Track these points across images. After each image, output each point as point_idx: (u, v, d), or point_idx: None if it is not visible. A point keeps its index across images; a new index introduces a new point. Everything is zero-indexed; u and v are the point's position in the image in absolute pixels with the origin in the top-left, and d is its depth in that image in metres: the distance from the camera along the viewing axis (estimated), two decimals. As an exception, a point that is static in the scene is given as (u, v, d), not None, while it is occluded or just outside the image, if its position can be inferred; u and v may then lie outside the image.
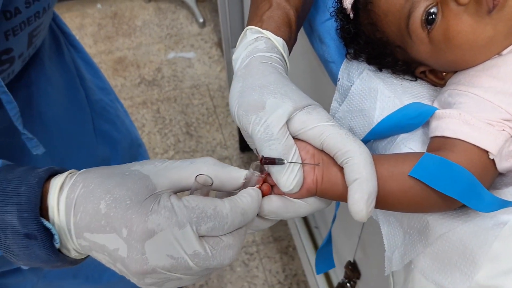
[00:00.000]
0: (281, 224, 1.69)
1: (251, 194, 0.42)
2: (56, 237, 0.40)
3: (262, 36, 0.50)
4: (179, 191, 0.43)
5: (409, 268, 0.47)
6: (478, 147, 0.42)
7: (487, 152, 0.42)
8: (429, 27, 0.46)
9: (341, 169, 0.42)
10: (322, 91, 0.80)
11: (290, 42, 0.52)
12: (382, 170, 0.42)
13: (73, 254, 0.42)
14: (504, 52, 0.45)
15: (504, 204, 0.40)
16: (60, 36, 0.78)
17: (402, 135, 0.49)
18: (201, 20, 2.42)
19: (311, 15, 0.63)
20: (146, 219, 0.38)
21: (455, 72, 0.49)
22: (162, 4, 2.60)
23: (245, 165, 1.97)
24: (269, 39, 0.49)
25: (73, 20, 2.55)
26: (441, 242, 0.43)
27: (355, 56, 0.56)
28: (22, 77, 0.68)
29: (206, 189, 0.42)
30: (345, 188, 0.41)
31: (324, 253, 0.67)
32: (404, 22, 0.47)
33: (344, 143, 0.41)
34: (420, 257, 0.45)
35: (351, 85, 0.55)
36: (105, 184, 0.40)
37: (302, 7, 0.54)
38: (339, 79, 0.58)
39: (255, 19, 0.52)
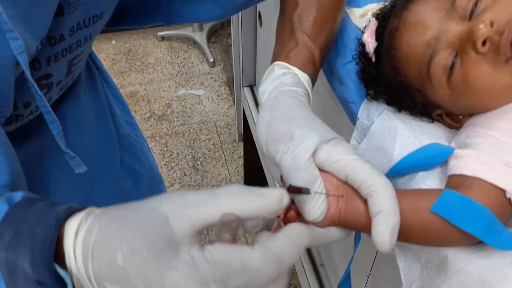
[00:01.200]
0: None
1: (287, 235, 0.38)
2: (69, 287, 0.37)
3: (289, 72, 0.53)
4: (202, 229, 0.37)
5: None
6: (495, 186, 0.44)
7: (504, 191, 0.44)
8: (449, 72, 0.49)
9: (364, 201, 0.44)
10: (336, 129, 0.83)
11: (314, 79, 0.56)
12: (404, 204, 0.44)
13: None
14: (519, 98, 0.48)
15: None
16: (95, 72, 0.81)
17: (421, 173, 0.51)
18: (211, 59, 2.49)
19: (331, 58, 0.67)
20: (164, 278, 0.35)
21: (471, 115, 0.52)
22: (174, 43, 2.68)
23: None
24: (296, 74, 0.52)
25: (87, 54, 2.62)
26: (459, 276, 0.44)
27: (375, 97, 0.59)
28: (58, 108, 0.71)
29: (233, 230, 0.37)
30: (368, 219, 0.43)
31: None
32: (425, 67, 0.50)
33: (369, 177, 0.43)
34: (439, 291, 0.46)
35: (371, 124, 0.58)
36: (121, 232, 0.36)
37: (325, 48, 0.58)
38: (358, 118, 0.61)
39: (282, 55, 0.55)
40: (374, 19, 0.58)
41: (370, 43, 0.56)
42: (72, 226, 0.37)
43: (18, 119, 0.61)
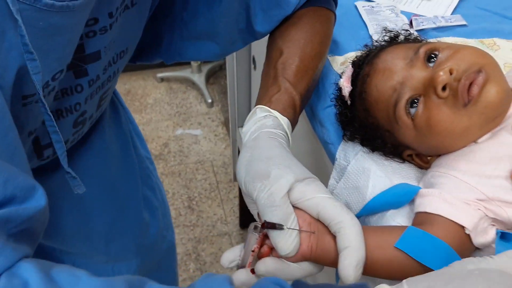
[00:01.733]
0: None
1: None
2: None
3: (270, 115, 0.57)
4: None
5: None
6: (455, 222, 0.48)
7: (463, 227, 0.47)
8: (412, 113, 0.53)
9: (334, 237, 0.47)
10: (322, 169, 0.87)
11: (294, 122, 0.60)
12: (370, 241, 0.47)
13: None
14: (480, 140, 0.52)
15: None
16: (119, 108, 0.85)
17: (391, 211, 0.54)
18: (209, 100, 2.55)
19: (313, 102, 0.72)
20: None
21: (439, 155, 0.56)
22: (174, 84, 2.76)
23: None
24: (276, 117, 0.57)
25: (88, 95, 2.69)
26: None
27: (351, 138, 0.63)
28: (84, 141, 0.74)
29: None
30: (337, 255, 0.46)
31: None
32: (392, 110, 0.55)
33: (338, 214, 0.47)
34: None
35: (347, 165, 0.62)
36: None
37: (306, 94, 0.62)
38: (336, 159, 0.64)
39: (264, 99, 0.59)
40: (350, 65, 0.63)
41: (346, 87, 0.61)
42: None
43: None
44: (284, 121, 0.57)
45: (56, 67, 0.49)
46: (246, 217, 1.99)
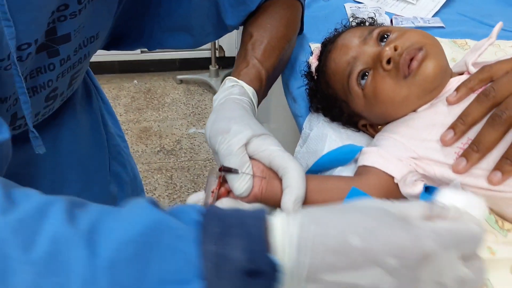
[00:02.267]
0: None
1: None
2: (280, 276, 0.36)
3: (237, 84, 0.65)
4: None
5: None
6: (386, 173, 0.55)
7: (393, 178, 0.55)
8: (362, 85, 0.61)
9: (281, 182, 0.54)
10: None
11: (260, 93, 0.68)
12: (310, 185, 0.54)
13: None
14: (419, 110, 0.60)
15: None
16: (92, 88, 0.92)
17: (340, 168, 0.62)
18: (224, 103, 2.65)
19: (290, 82, 0.80)
20: (420, 241, 0.35)
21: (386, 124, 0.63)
22: (191, 86, 2.87)
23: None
24: (243, 87, 0.65)
25: (110, 91, 2.82)
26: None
27: (316, 109, 0.71)
28: (57, 117, 0.81)
29: None
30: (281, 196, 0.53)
31: None
32: (346, 81, 0.63)
33: (285, 162, 0.54)
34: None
35: (310, 132, 0.70)
36: (345, 218, 0.37)
37: (273, 70, 0.71)
38: (303, 128, 0.72)
39: (234, 73, 0.68)
40: (320, 45, 0.71)
41: (313, 63, 0.69)
42: (277, 224, 0.37)
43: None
44: (250, 90, 0.65)
45: (22, 39, 0.54)
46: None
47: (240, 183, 0.55)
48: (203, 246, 0.35)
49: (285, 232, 0.36)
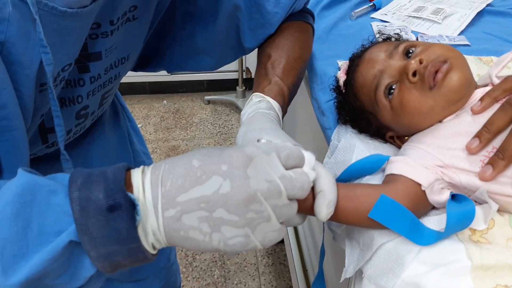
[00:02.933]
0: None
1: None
2: (138, 208, 0.43)
3: (264, 99, 0.69)
4: None
5: (361, 277, 0.59)
6: (413, 180, 0.57)
7: (420, 185, 0.57)
8: (389, 97, 0.63)
9: (312, 189, 0.56)
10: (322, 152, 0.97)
11: (283, 108, 0.71)
12: (340, 192, 0.56)
13: (150, 240, 0.45)
14: (445, 120, 0.62)
15: (440, 236, 0.54)
16: (118, 107, 0.97)
17: (367, 177, 0.64)
18: (250, 123, 2.70)
19: (318, 96, 0.83)
20: (243, 150, 0.45)
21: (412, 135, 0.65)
22: (219, 107, 2.93)
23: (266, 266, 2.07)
24: (269, 102, 0.69)
25: (141, 111, 2.91)
26: (381, 250, 0.56)
27: (344, 121, 0.74)
28: (86, 135, 0.84)
29: None
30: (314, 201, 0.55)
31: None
32: (373, 93, 0.65)
33: (317, 168, 0.57)
34: (368, 265, 0.57)
35: (338, 144, 0.72)
36: (188, 153, 0.46)
37: (292, 87, 0.75)
38: (331, 139, 0.75)
39: (259, 89, 0.72)
40: (348, 60, 0.74)
41: (342, 77, 0.72)
42: (137, 170, 0.45)
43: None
44: (275, 105, 0.69)
45: (65, 61, 0.57)
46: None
47: None
48: (70, 194, 0.42)
49: (140, 173, 0.45)
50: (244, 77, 2.86)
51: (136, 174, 0.45)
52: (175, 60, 0.85)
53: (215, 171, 0.44)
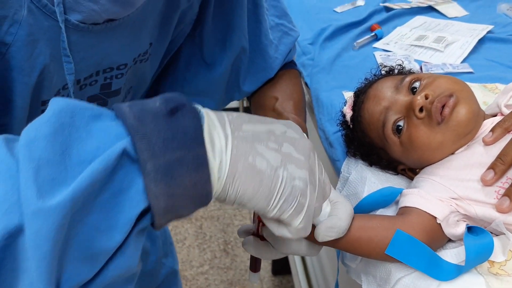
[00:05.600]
0: None
1: None
2: (202, 113, 0.39)
3: None
4: None
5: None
6: (429, 213, 0.56)
7: (435, 218, 0.56)
8: (398, 134, 0.63)
9: None
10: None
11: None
12: (356, 223, 0.55)
13: (217, 156, 0.39)
14: (456, 152, 0.61)
15: (460, 270, 0.53)
16: None
17: (380, 210, 0.63)
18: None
19: (325, 127, 0.83)
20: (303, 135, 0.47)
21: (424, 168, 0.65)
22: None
23: None
24: None
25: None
26: (399, 285, 0.54)
27: (353, 154, 0.73)
28: None
29: None
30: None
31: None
32: (381, 130, 0.65)
33: (337, 196, 0.54)
34: (386, 300, 0.56)
35: (349, 176, 0.72)
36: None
37: (304, 116, 0.77)
38: (341, 172, 0.74)
39: None
40: (353, 95, 0.74)
41: (348, 113, 0.72)
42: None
43: None
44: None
45: (64, 80, 0.56)
46: (278, 264, 2.05)
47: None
48: (119, 112, 0.37)
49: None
50: (245, 105, 2.87)
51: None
52: None
53: (278, 125, 0.44)
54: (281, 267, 2.01)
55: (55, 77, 0.55)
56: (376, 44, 1.08)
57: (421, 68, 0.96)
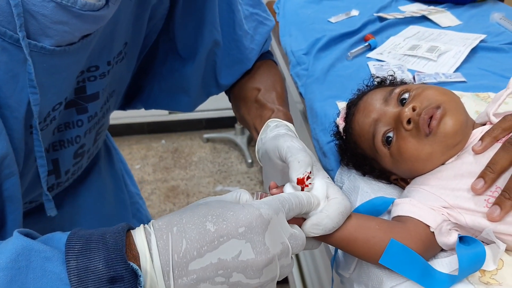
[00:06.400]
0: None
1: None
2: (141, 279, 0.41)
3: (281, 123, 0.68)
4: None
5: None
6: (422, 222, 0.56)
7: (429, 226, 0.56)
8: (388, 145, 0.64)
9: None
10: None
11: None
12: (354, 221, 0.56)
13: None
14: (447, 162, 0.62)
15: (452, 280, 0.53)
16: (112, 150, 0.98)
17: (373, 219, 0.64)
18: (249, 160, 2.70)
19: (319, 137, 0.84)
20: (259, 212, 0.45)
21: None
22: (218, 145, 2.94)
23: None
24: (287, 125, 0.68)
25: (139, 151, 2.91)
26: (391, 293, 0.55)
27: (346, 164, 0.74)
28: (85, 182, 0.85)
29: None
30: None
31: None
32: (371, 141, 0.65)
33: (335, 193, 0.55)
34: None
35: (342, 186, 0.72)
36: (196, 213, 0.44)
37: (287, 107, 0.76)
38: (335, 181, 0.75)
39: (265, 119, 0.71)
40: (345, 106, 0.75)
41: (341, 124, 0.73)
42: (138, 231, 0.43)
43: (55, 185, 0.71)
44: (292, 127, 0.68)
45: (55, 100, 0.58)
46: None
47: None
48: (67, 263, 0.40)
49: (143, 234, 0.43)
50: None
51: (139, 237, 0.43)
52: (153, 96, 0.84)
53: (233, 235, 0.43)
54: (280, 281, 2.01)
55: (42, 103, 0.55)
56: (370, 54, 1.09)
57: (414, 78, 0.96)
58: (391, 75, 0.75)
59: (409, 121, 0.61)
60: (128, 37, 0.68)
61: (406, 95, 0.64)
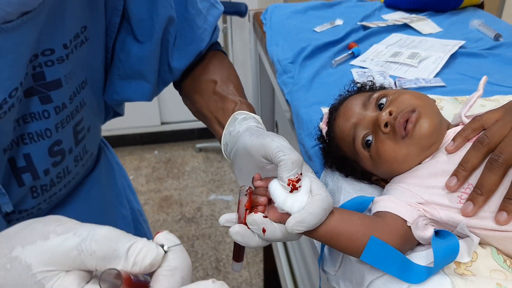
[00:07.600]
0: None
1: None
2: None
3: (248, 115, 0.69)
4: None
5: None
6: (400, 216, 0.60)
7: (405, 221, 0.59)
8: (368, 148, 0.67)
9: None
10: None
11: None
12: (338, 215, 0.58)
13: None
14: (423, 162, 0.65)
15: (429, 272, 0.56)
16: (114, 165, 0.98)
17: (355, 217, 0.67)
18: (242, 169, 2.73)
19: (305, 141, 0.87)
20: None
21: (394, 177, 0.69)
22: (210, 154, 2.97)
23: (267, 302, 2.05)
24: (254, 117, 0.69)
25: (132, 162, 2.93)
26: (371, 285, 0.58)
27: (330, 166, 0.77)
28: (86, 197, 0.85)
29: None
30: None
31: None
32: (352, 145, 0.69)
33: (319, 189, 0.57)
34: (360, 303, 0.59)
35: (327, 187, 0.75)
36: None
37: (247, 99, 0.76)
38: (319, 183, 0.78)
39: (229, 113, 0.71)
40: (328, 111, 0.78)
41: (324, 128, 0.76)
42: None
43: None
44: (260, 119, 0.70)
45: (10, 85, 0.55)
46: (270, 280, 2.07)
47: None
48: None
49: None
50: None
51: None
52: (113, 86, 0.81)
53: None
54: (273, 279, 2.03)
55: None
56: (353, 62, 1.12)
57: (395, 83, 1.00)
58: (371, 81, 0.78)
59: (386, 125, 0.64)
60: (87, 21, 0.66)
61: (383, 100, 0.68)
